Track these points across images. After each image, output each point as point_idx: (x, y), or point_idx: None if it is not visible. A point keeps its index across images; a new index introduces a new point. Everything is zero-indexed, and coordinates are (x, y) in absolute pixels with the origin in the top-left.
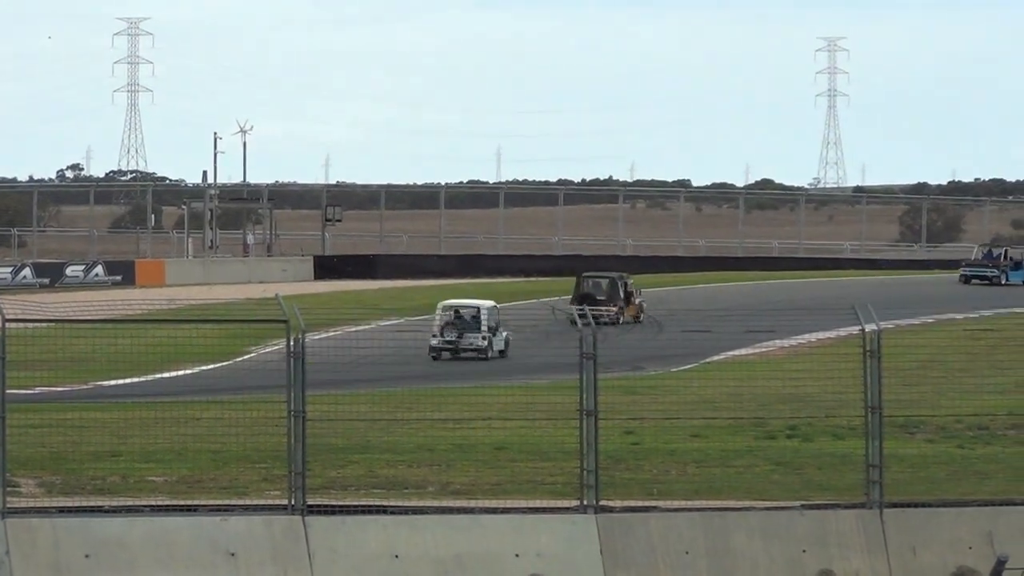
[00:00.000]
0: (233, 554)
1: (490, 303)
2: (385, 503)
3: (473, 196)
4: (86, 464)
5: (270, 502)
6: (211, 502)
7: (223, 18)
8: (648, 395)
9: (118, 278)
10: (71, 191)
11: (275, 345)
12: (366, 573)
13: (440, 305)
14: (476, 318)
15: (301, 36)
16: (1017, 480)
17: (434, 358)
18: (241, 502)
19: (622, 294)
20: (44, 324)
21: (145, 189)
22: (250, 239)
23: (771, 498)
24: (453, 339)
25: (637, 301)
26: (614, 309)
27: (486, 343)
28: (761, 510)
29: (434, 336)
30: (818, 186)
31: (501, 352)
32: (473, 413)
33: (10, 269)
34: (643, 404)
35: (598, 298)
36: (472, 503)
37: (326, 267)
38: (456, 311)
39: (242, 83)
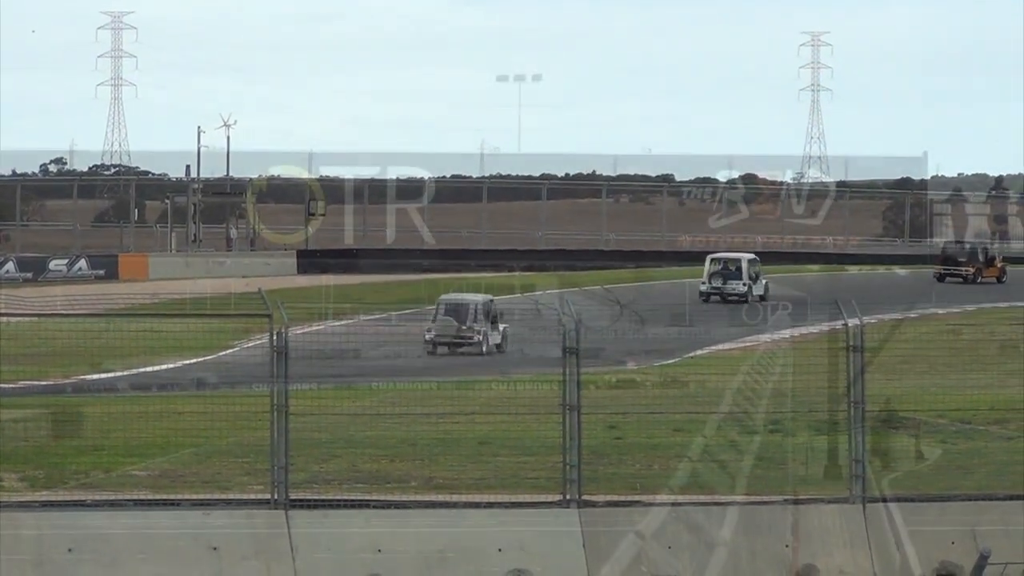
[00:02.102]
0: (216, 548)
1: (750, 255)
2: (368, 497)
3: (456, 190)
4: (69, 458)
5: (253, 496)
6: (194, 496)
7: (206, 12)
8: (631, 389)
9: (101, 272)
10: (54, 185)
11: (258, 339)
12: (349, 567)
13: (709, 258)
14: (738, 268)
15: (284, 30)
16: (1000, 475)
17: (704, 301)
18: (224, 496)
19: (982, 258)
20: (27, 318)
21: (128, 183)
22: (233, 233)
23: (754, 493)
24: (719, 285)
25: (999, 264)
26: (972, 270)
27: (747, 289)
28: (744, 505)
29: (703, 283)
30: (801, 181)
31: (761, 297)
32: (456, 408)
33: None
34: (626, 398)
35: (959, 260)
36: (455, 497)
37: (309, 261)
38: (723, 262)
39: (226, 77)
